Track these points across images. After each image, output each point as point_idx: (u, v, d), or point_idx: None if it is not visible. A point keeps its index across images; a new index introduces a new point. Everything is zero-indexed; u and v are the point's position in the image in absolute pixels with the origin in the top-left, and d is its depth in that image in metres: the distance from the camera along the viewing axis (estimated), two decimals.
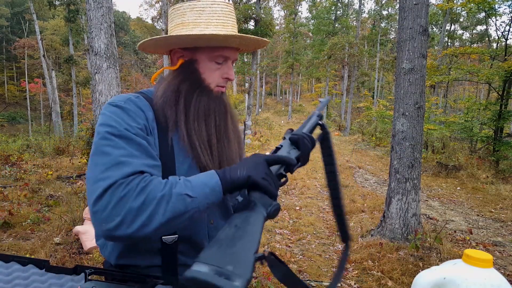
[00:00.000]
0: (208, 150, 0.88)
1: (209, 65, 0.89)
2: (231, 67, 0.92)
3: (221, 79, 0.91)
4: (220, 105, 0.92)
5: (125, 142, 0.74)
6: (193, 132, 0.87)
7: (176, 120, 0.86)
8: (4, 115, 32.09)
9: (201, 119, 0.88)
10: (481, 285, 1.05)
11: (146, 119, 0.82)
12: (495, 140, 10.00)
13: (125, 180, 0.67)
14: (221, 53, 0.89)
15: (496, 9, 11.77)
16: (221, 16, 0.87)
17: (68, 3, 19.55)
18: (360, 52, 25.38)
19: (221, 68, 0.90)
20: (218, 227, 0.93)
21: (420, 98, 3.77)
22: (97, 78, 4.25)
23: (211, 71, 0.89)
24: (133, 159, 0.71)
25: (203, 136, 0.88)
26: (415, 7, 3.70)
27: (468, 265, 1.09)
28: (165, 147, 0.84)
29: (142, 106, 0.83)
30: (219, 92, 0.92)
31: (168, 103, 0.87)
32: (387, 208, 3.93)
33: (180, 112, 0.87)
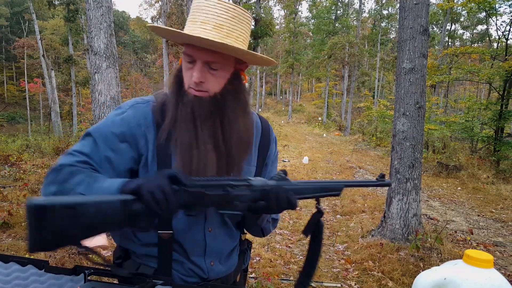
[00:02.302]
0: (181, 158, 0.85)
1: (184, 64, 0.87)
2: (198, 69, 0.83)
3: (191, 80, 0.85)
4: (188, 111, 0.84)
5: (92, 143, 0.84)
6: (174, 134, 0.86)
7: (165, 122, 0.87)
8: (4, 115, 32.10)
9: (182, 124, 0.86)
10: (482, 286, 1.04)
11: (137, 126, 0.86)
12: (495, 140, 10.00)
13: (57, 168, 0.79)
14: (185, 51, 0.85)
15: (496, 9, 11.77)
16: (195, 12, 0.83)
17: (68, 2, 19.54)
18: (361, 51, 25.37)
19: (191, 69, 0.85)
20: (217, 235, 0.93)
21: (420, 98, 3.76)
22: (96, 77, 4.24)
23: (185, 70, 0.87)
24: (78, 157, 0.82)
25: (180, 140, 0.85)
26: (415, 6, 3.70)
27: (469, 265, 1.09)
28: (161, 152, 0.87)
29: (141, 113, 0.88)
30: (191, 95, 0.85)
31: (168, 106, 0.89)
32: (387, 208, 3.93)
33: (169, 113, 0.87)
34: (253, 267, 3.19)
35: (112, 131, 0.85)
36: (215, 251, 0.93)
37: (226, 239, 0.95)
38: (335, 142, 17.44)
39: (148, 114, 0.88)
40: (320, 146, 14.97)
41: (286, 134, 17.90)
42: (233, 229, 0.97)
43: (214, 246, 0.92)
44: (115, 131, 0.85)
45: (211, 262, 0.92)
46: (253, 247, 3.63)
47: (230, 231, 0.96)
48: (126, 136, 0.86)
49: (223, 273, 0.96)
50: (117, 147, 0.85)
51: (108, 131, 0.85)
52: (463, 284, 1.07)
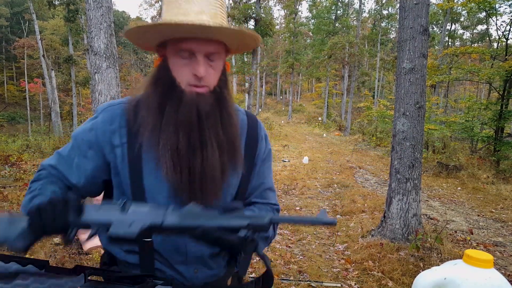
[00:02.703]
0: (174, 162, 0.79)
1: (175, 60, 0.80)
2: (200, 62, 0.78)
3: (191, 76, 0.79)
4: (192, 110, 0.79)
5: (70, 147, 0.87)
6: (160, 140, 0.80)
7: (146, 126, 0.81)
8: (4, 115, 32.09)
9: (171, 127, 0.79)
10: (482, 285, 1.04)
11: (103, 132, 0.84)
12: (495, 140, 10.00)
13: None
14: (181, 45, 0.78)
15: (496, 9, 11.76)
16: (183, 4, 0.76)
17: (68, 3, 19.53)
18: (361, 51, 25.36)
19: (189, 64, 0.79)
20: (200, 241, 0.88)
21: (420, 98, 3.76)
22: (96, 78, 4.24)
23: (178, 67, 0.80)
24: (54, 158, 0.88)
25: (171, 146, 0.79)
26: (415, 6, 3.70)
27: (469, 265, 1.09)
28: (133, 157, 0.82)
29: (110, 117, 0.85)
30: (193, 93, 0.79)
31: (142, 108, 0.83)
32: (387, 208, 3.93)
33: (151, 117, 0.81)
34: (253, 267, 3.19)
35: (83, 137, 0.86)
36: (198, 258, 0.88)
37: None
38: (335, 142, 17.44)
39: (115, 119, 0.84)
40: (320, 146, 14.97)
41: (286, 134, 17.90)
42: None
43: (196, 252, 0.87)
44: (85, 138, 0.85)
45: (195, 270, 0.89)
46: None
47: None
48: (92, 144, 0.84)
49: (210, 278, 0.91)
50: (86, 154, 0.85)
51: (81, 137, 0.86)
52: (463, 284, 1.07)
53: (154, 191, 0.83)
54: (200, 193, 0.81)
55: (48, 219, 0.68)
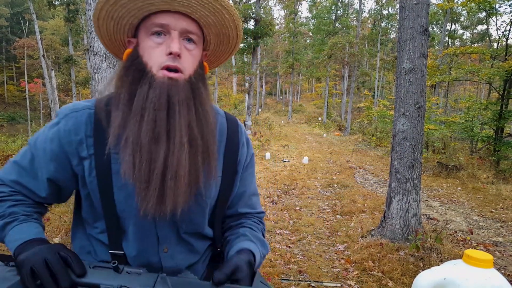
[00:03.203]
0: (133, 158, 0.69)
1: (147, 42, 0.73)
2: (175, 38, 0.71)
3: (165, 56, 0.71)
4: (161, 94, 0.69)
5: (30, 157, 0.78)
6: (124, 134, 0.71)
7: (114, 122, 0.72)
8: (4, 115, 32.10)
9: (137, 117, 0.70)
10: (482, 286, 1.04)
11: (68, 143, 0.75)
12: (495, 140, 10.00)
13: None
14: (154, 21, 0.71)
15: (496, 9, 11.77)
16: None
17: (68, 3, 19.55)
18: (361, 51, 25.37)
19: (163, 43, 0.72)
20: (175, 254, 0.82)
21: (420, 98, 3.76)
22: (96, 78, 4.24)
23: (150, 50, 0.72)
24: (14, 172, 0.78)
25: (133, 139, 0.69)
26: (415, 6, 3.70)
27: (469, 265, 1.09)
28: (103, 170, 0.75)
29: (73, 125, 0.76)
30: (165, 77, 0.70)
31: (113, 107, 0.74)
32: (387, 208, 3.93)
33: (119, 111, 0.72)
34: None
35: (43, 147, 0.76)
36: (175, 271, 0.80)
37: (185, 255, 0.84)
38: (335, 142, 17.43)
39: (80, 127, 0.76)
40: (320, 146, 14.97)
41: (286, 134, 17.90)
42: (192, 244, 0.85)
43: (172, 266, 0.82)
44: (47, 148, 0.76)
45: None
46: None
47: (189, 246, 0.85)
48: (57, 155, 0.76)
49: None
50: (49, 166, 0.76)
51: (42, 147, 0.77)
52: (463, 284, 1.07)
53: (124, 208, 0.77)
54: (160, 194, 0.70)
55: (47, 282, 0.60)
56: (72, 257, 0.64)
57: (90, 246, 0.83)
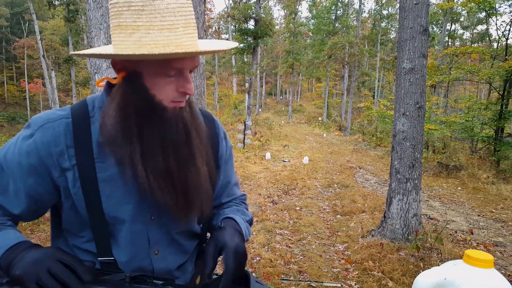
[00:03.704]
0: (168, 184, 0.75)
1: (158, 79, 0.71)
2: (189, 78, 0.73)
3: (177, 93, 0.73)
4: (178, 125, 0.74)
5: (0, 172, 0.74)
6: (148, 166, 0.73)
7: (129, 154, 0.72)
8: (4, 115, 32.10)
9: (157, 149, 0.73)
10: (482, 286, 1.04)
11: (47, 155, 0.73)
12: (496, 140, 10.00)
13: None
14: (171, 65, 0.70)
15: (496, 9, 11.78)
16: (167, 16, 0.66)
17: (68, 3, 19.57)
18: (361, 51, 25.37)
19: (175, 81, 0.73)
20: (166, 256, 0.84)
21: (420, 98, 3.76)
22: (96, 78, 4.23)
23: (161, 86, 0.72)
24: None
25: (160, 170, 0.74)
26: (415, 6, 3.70)
27: (469, 265, 1.09)
28: (88, 180, 0.74)
29: (51, 137, 0.73)
30: (176, 108, 0.74)
31: (110, 133, 0.72)
32: (387, 208, 3.93)
33: (132, 144, 0.72)
34: (253, 267, 3.19)
35: (18, 161, 0.73)
36: (164, 272, 0.85)
37: (175, 256, 0.87)
38: (335, 142, 17.43)
39: (59, 138, 0.74)
40: (320, 146, 14.97)
41: (286, 134, 17.90)
42: (183, 244, 0.88)
43: (163, 268, 0.84)
44: (23, 162, 0.73)
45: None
46: (253, 247, 3.64)
47: (179, 247, 0.88)
48: (35, 168, 0.73)
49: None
50: (26, 180, 0.73)
51: (14, 161, 0.73)
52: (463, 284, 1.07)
53: (114, 215, 0.77)
54: (197, 206, 0.80)
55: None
56: (75, 262, 0.60)
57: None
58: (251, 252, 3.52)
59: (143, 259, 0.81)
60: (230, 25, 29.47)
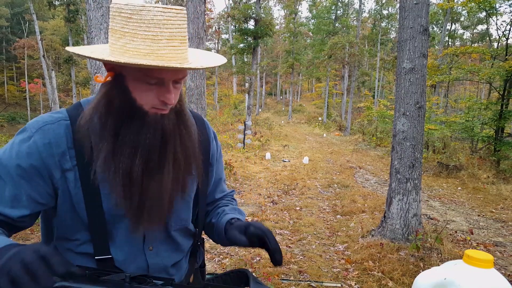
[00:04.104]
0: (125, 188, 0.75)
1: (139, 84, 0.73)
2: (170, 89, 0.74)
3: (158, 101, 0.74)
4: (156, 132, 0.75)
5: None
6: (112, 165, 0.74)
7: (100, 150, 0.74)
8: (4, 115, 32.13)
9: (127, 150, 0.74)
10: (482, 286, 1.04)
11: (49, 155, 0.73)
12: (496, 140, 10.00)
13: None
14: (151, 74, 0.71)
15: (496, 9, 11.77)
16: (151, 27, 0.68)
17: (68, 3, 19.57)
18: (361, 51, 25.38)
19: (156, 89, 0.73)
20: (160, 252, 0.86)
21: (420, 97, 3.76)
22: None
23: (142, 91, 0.73)
24: None
25: (123, 171, 0.74)
26: (415, 6, 3.70)
27: (469, 265, 1.09)
28: (87, 180, 0.75)
29: (52, 138, 0.74)
30: (157, 114, 0.75)
31: (93, 128, 0.75)
32: (387, 208, 3.93)
33: (105, 140, 0.74)
34: (253, 267, 3.19)
35: (17, 163, 0.72)
36: (159, 268, 0.87)
37: (170, 253, 0.89)
38: (335, 142, 17.44)
39: (60, 139, 0.75)
40: (320, 146, 14.97)
41: (286, 134, 17.91)
42: (179, 243, 0.91)
43: (157, 263, 0.86)
44: (22, 164, 0.72)
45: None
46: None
47: (175, 245, 0.90)
48: (37, 169, 0.73)
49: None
50: (26, 182, 0.72)
51: (12, 164, 0.72)
52: (463, 284, 1.07)
53: (114, 213, 0.78)
54: (147, 217, 0.79)
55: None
56: (53, 255, 0.56)
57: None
58: (251, 252, 3.52)
59: (138, 255, 0.83)
60: (230, 25, 29.49)
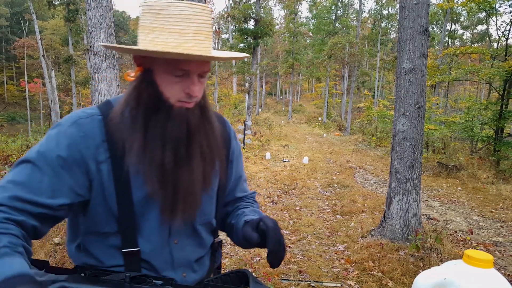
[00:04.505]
0: (159, 178, 0.78)
1: (166, 77, 0.77)
2: (195, 81, 0.78)
3: (183, 94, 0.78)
4: (182, 125, 0.79)
5: (29, 169, 0.73)
6: (146, 157, 0.77)
7: (133, 142, 0.77)
8: (4, 115, 32.13)
9: (157, 142, 0.78)
10: (482, 286, 1.04)
11: (86, 147, 0.76)
12: (495, 140, 10.00)
13: None
14: (177, 66, 0.76)
15: (496, 9, 11.78)
16: (179, 21, 0.73)
17: (68, 3, 19.56)
18: (361, 51, 25.37)
19: (182, 82, 0.78)
20: (184, 246, 0.88)
21: (420, 98, 3.76)
22: (96, 78, 4.24)
23: (168, 84, 0.77)
24: (10, 189, 0.71)
25: (156, 162, 0.78)
26: (415, 6, 3.70)
27: (469, 265, 1.09)
28: (119, 172, 0.78)
29: (88, 131, 0.77)
30: (183, 108, 0.79)
31: (125, 122, 0.79)
32: (387, 208, 3.93)
33: (137, 133, 0.78)
34: (253, 267, 3.19)
35: (58, 154, 0.74)
36: (184, 262, 0.89)
37: (195, 248, 0.92)
38: (335, 142, 17.44)
39: (95, 132, 0.78)
40: (320, 146, 14.97)
41: (286, 134, 17.91)
42: (203, 237, 0.93)
43: (182, 257, 0.88)
44: (63, 155, 0.74)
45: (183, 273, 0.89)
46: None
47: (199, 240, 0.93)
48: (76, 160, 0.75)
49: (196, 280, 0.93)
50: (67, 172, 0.75)
51: (53, 155, 0.74)
52: (462, 284, 1.07)
53: (143, 205, 0.81)
54: (182, 207, 0.82)
55: None
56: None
57: (93, 258, 0.84)
58: (251, 252, 3.52)
59: (163, 248, 0.85)
60: (230, 25, 29.46)
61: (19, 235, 0.68)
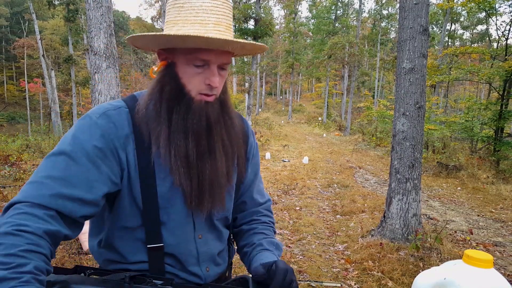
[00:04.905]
0: (185, 169, 0.80)
1: (187, 68, 0.79)
2: (215, 72, 0.79)
3: (204, 85, 0.80)
4: (201, 118, 0.80)
5: (65, 162, 0.72)
6: (171, 148, 0.79)
7: (158, 134, 0.79)
8: (4, 115, 32.12)
9: (181, 134, 0.80)
10: (481, 286, 1.04)
11: (116, 137, 0.78)
12: (495, 140, 10.00)
13: (18, 208, 0.65)
14: (198, 56, 0.77)
15: (496, 9, 11.78)
16: (200, 13, 0.76)
17: (68, 2, 19.54)
18: (361, 51, 25.37)
19: (202, 73, 0.79)
20: (208, 240, 0.91)
21: (420, 98, 3.76)
22: (96, 77, 4.24)
23: (189, 76, 0.79)
24: (49, 186, 0.68)
25: (181, 154, 0.80)
26: (415, 6, 3.70)
27: (469, 265, 1.09)
28: (144, 164, 0.80)
29: (117, 122, 0.79)
30: (202, 101, 0.80)
31: (149, 115, 0.81)
32: (387, 208, 3.93)
33: (162, 125, 0.80)
34: None
35: (94, 144, 0.74)
36: (208, 256, 0.92)
37: (216, 242, 0.94)
38: (335, 142, 17.44)
39: (123, 123, 0.80)
40: (320, 146, 14.97)
41: (286, 134, 17.91)
42: (222, 231, 0.96)
43: (206, 251, 0.91)
44: (98, 145, 0.75)
45: (207, 267, 0.92)
46: None
47: (219, 234, 0.95)
48: (110, 149, 0.77)
49: (218, 274, 0.96)
50: (102, 163, 0.75)
51: (89, 146, 0.74)
52: (462, 284, 1.07)
53: (168, 197, 0.82)
54: (209, 198, 0.84)
55: None
56: None
57: (116, 254, 0.85)
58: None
59: (189, 242, 0.87)
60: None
61: (48, 253, 0.64)
